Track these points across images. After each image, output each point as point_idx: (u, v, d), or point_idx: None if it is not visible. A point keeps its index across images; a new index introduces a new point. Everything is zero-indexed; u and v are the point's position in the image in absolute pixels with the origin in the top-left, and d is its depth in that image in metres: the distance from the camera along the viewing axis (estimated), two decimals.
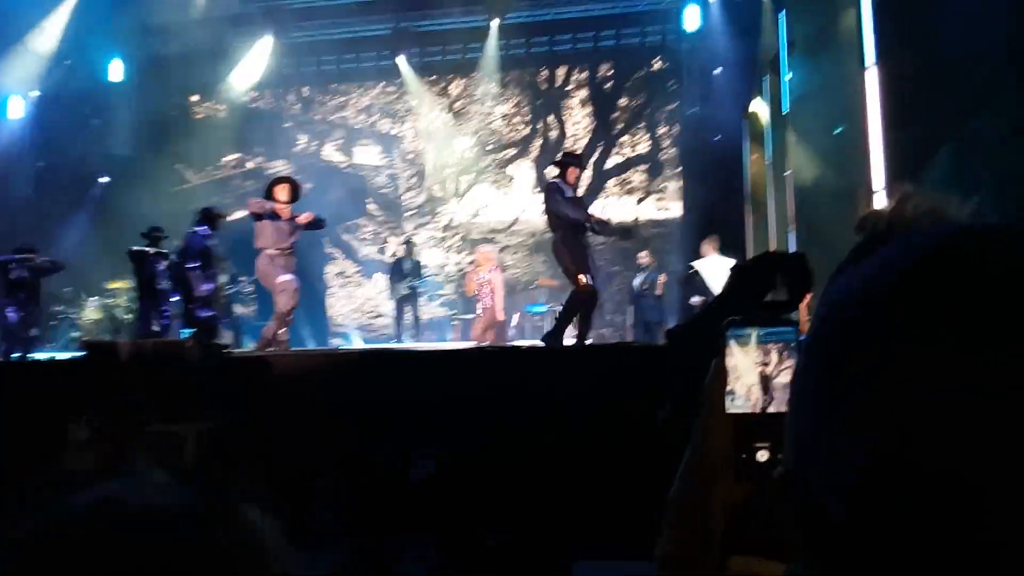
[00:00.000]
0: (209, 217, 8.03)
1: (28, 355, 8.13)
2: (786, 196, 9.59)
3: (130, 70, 13.32)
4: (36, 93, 12.61)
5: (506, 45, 13.27)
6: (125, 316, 10.37)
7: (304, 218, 7.40)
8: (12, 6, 11.33)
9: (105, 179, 12.66)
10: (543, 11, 13.03)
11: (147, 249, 8.51)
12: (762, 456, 0.80)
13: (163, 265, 8.40)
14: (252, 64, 13.67)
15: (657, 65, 13.37)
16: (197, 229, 7.94)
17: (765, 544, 0.77)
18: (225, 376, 5.62)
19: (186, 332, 8.03)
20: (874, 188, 7.19)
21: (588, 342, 7.12)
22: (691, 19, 11.81)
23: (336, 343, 12.82)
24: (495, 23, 12.96)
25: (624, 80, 13.69)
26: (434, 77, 14.14)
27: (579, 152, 7.68)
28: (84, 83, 12.85)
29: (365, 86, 14.47)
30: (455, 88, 14.23)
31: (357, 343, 12.60)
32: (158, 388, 5.20)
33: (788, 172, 9.52)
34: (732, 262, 9.56)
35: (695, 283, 8.82)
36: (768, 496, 0.76)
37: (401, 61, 13.58)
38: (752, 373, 0.82)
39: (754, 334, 0.83)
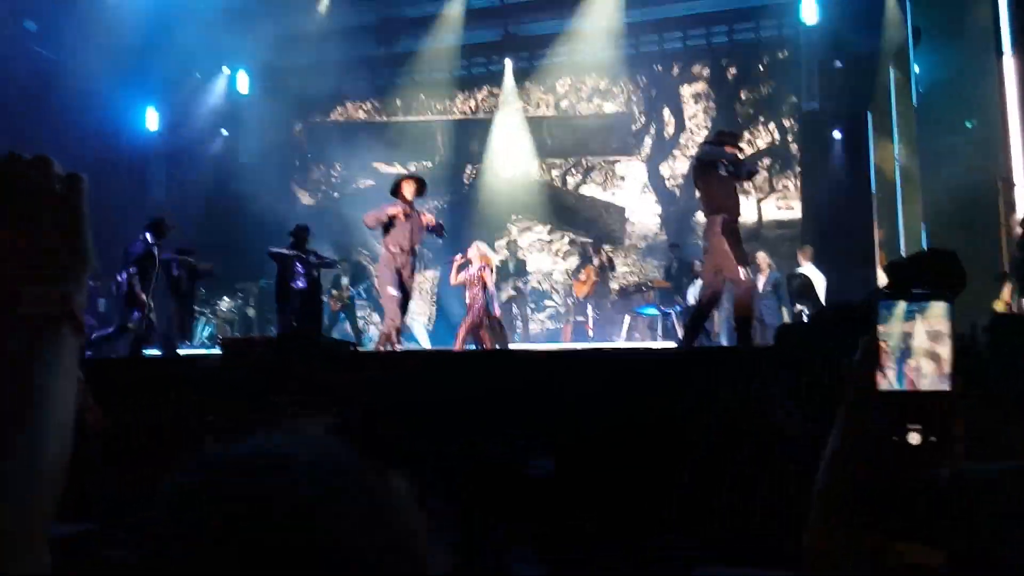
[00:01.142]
0: (156, 226, 8.29)
1: (175, 351, 8.67)
2: (916, 191, 9.16)
3: (254, 82, 14.07)
4: (170, 105, 13.50)
5: (615, 45, 13.22)
6: (255, 315, 10.98)
7: (427, 219, 7.42)
8: (144, 22, 12.15)
9: (233, 187, 13.40)
10: (653, 9, 12.92)
11: (284, 251, 8.88)
12: (914, 439, 0.77)
13: (301, 266, 8.79)
14: (366, 75, 14.19)
15: (773, 60, 13.01)
16: (141, 236, 8.21)
17: (924, 530, 0.76)
18: (351, 372, 5.85)
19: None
20: (1015, 181, 6.79)
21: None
22: (809, 12, 11.44)
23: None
24: (604, 23, 12.95)
25: (738, 77, 13.40)
26: (542, 79, 14.25)
27: (737, 132, 7.30)
28: (213, 95, 13.68)
29: (471, 92, 14.70)
30: (563, 88, 14.29)
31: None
32: (289, 383, 5.48)
33: (917, 167, 9.10)
34: (820, 275, 9.26)
35: (801, 290, 8.56)
36: (925, 481, 0.75)
37: (508, 65, 13.81)
38: (902, 349, 0.78)
39: (905, 308, 0.79)
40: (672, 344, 9.46)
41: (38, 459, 0.70)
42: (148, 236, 8.18)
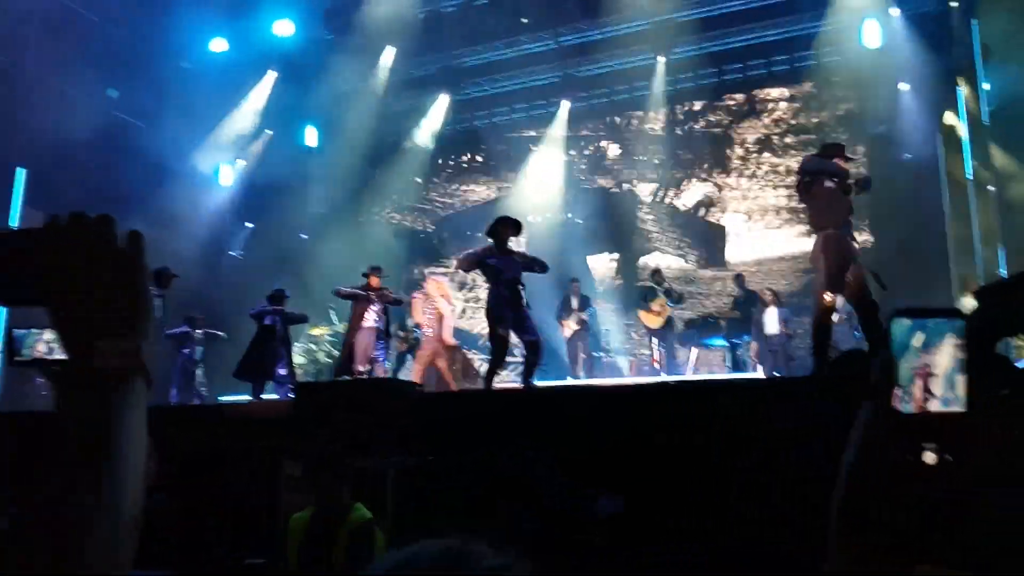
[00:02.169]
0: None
1: (260, 395, 8.94)
2: (990, 211, 8.85)
3: (322, 135, 14.58)
4: (243, 161, 14.08)
5: (674, 80, 13.26)
6: (325, 359, 11.24)
7: (532, 259, 7.36)
8: (217, 85, 12.79)
9: (304, 236, 13.81)
10: (711, 43, 12.92)
11: (359, 291, 9.12)
12: (929, 458, 0.75)
13: (378, 305, 9.03)
14: (431, 121, 14.57)
15: (836, 85, 12.82)
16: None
17: (946, 551, 0.75)
18: (418, 413, 5.91)
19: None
20: None
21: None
22: (871, 35, 11.28)
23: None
24: (662, 60, 13.03)
25: (801, 104, 13.25)
26: (601, 117, 14.39)
27: (842, 143, 7.10)
28: (283, 150, 14.24)
29: (534, 131, 14.90)
30: (622, 124, 14.38)
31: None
32: (361, 425, 5.57)
33: (991, 186, 8.81)
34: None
35: None
36: (945, 501, 0.74)
37: (564, 106, 14.00)
38: (918, 368, 0.76)
39: (921, 326, 0.77)
40: (742, 375, 9.28)
41: (120, 506, 0.74)
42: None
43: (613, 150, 14.60)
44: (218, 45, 12.66)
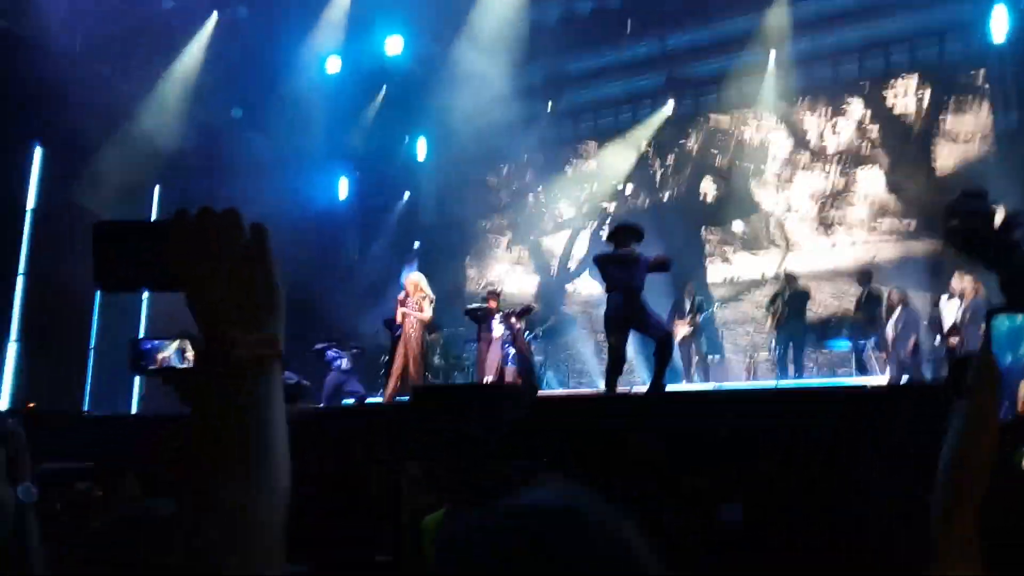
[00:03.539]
0: None
1: (365, 400, 9.26)
2: None
3: (431, 147, 14.93)
4: (357, 174, 14.61)
5: (786, 76, 12.89)
6: (439, 363, 11.48)
7: (654, 260, 7.22)
8: (335, 102, 13.31)
9: (416, 244, 14.16)
10: (823, 35, 12.49)
11: (479, 306, 9.57)
12: None
13: (498, 318, 9.41)
14: (539, 128, 14.69)
15: (961, 80, 12.14)
16: None
17: None
18: (537, 416, 5.96)
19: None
20: None
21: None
22: (998, 29, 10.68)
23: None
24: (772, 55, 12.69)
25: (923, 99, 12.60)
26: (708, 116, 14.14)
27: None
28: (396, 162, 14.68)
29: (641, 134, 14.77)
30: (731, 125, 14.07)
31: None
32: (479, 428, 5.67)
33: None
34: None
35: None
36: None
37: (670, 106, 13.87)
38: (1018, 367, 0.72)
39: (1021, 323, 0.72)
40: (868, 380, 8.90)
41: (273, 491, 0.76)
42: None
43: (723, 150, 14.30)
44: (333, 64, 13.17)
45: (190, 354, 1.62)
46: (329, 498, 5.86)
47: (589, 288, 14.42)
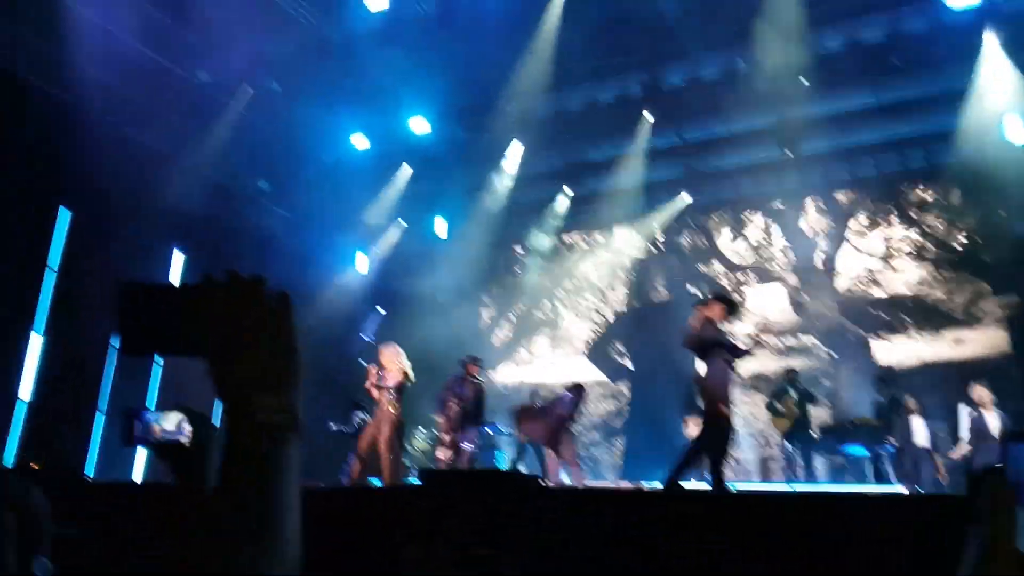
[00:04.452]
0: None
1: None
2: None
3: (451, 226, 15.14)
4: (378, 251, 14.79)
5: (803, 175, 13.05)
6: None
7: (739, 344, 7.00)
8: (357, 178, 13.59)
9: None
10: (836, 139, 12.70)
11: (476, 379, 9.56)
12: None
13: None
14: (556, 214, 14.91)
15: (973, 183, 12.24)
16: None
17: None
18: (544, 507, 5.82)
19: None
20: None
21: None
22: (1016, 131, 10.84)
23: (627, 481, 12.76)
24: (790, 154, 12.89)
25: (936, 202, 12.73)
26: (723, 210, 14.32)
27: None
28: (415, 239, 14.88)
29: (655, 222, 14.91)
30: (746, 217, 14.20)
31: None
32: (482, 514, 5.54)
33: None
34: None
35: None
36: None
37: (684, 199, 14.09)
38: None
39: None
40: (887, 488, 8.70)
41: (284, 557, 0.76)
42: None
43: (739, 241, 14.40)
44: (359, 141, 13.49)
45: (187, 427, 1.60)
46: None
47: (593, 376, 14.35)
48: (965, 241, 12.46)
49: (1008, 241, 11.54)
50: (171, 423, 1.63)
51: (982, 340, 11.75)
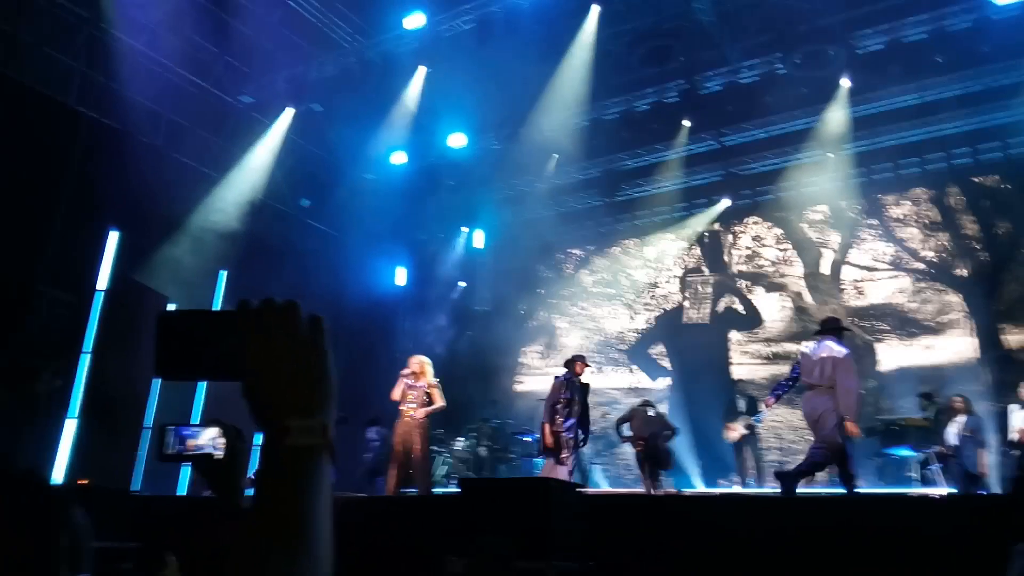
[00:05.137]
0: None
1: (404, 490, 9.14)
2: None
3: (489, 238, 15.23)
4: (416, 262, 14.97)
5: (845, 176, 12.84)
6: (486, 455, 11.37)
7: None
8: (396, 195, 13.76)
9: (469, 333, 14.20)
10: (879, 139, 12.46)
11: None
12: None
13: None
14: (591, 224, 14.89)
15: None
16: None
17: None
18: (582, 514, 5.82)
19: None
20: None
21: None
22: None
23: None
24: (831, 156, 12.69)
25: (986, 203, 12.38)
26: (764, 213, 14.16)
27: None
28: (453, 252, 15.01)
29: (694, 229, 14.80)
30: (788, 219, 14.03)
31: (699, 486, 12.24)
32: (522, 524, 5.54)
33: None
34: None
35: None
36: None
37: (724, 204, 14.00)
38: None
39: None
40: (930, 490, 8.47)
41: (318, 571, 0.78)
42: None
43: (776, 247, 14.20)
44: (398, 158, 13.68)
45: (221, 441, 1.65)
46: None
47: (643, 381, 14.25)
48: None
49: None
50: (205, 438, 1.67)
51: None
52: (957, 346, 11.91)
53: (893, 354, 12.35)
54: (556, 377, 8.57)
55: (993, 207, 12.26)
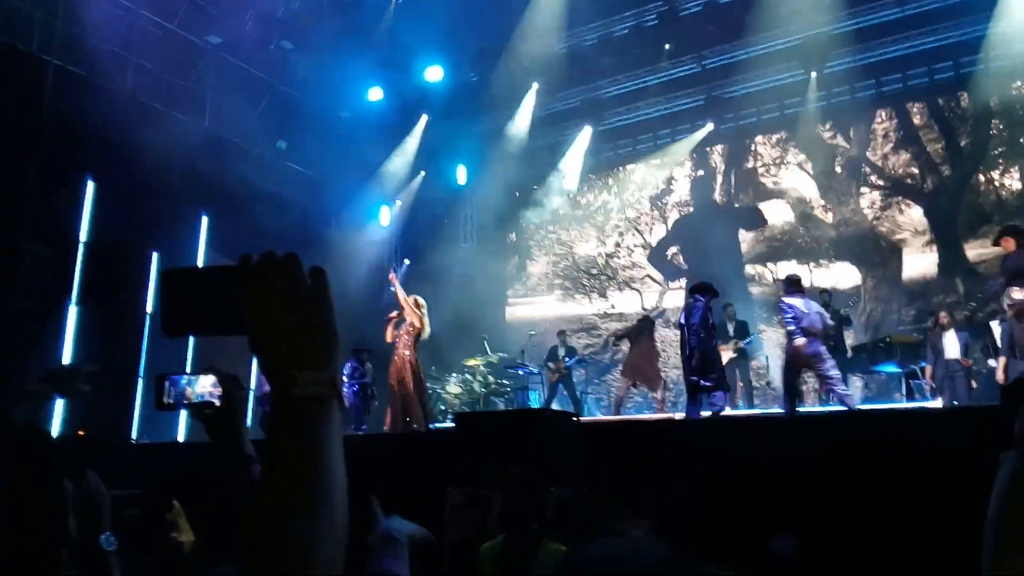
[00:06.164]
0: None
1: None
2: None
3: (472, 173, 15.07)
4: (399, 203, 14.79)
5: (827, 95, 12.75)
6: (480, 389, 11.50)
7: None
8: (376, 132, 13.53)
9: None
10: (866, 55, 12.32)
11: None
12: None
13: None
14: (575, 154, 14.73)
15: (1013, 91, 11.87)
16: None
17: None
18: (578, 443, 5.91)
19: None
20: None
21: None
22: None
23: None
24: (813, 75, 12.57)
25: (965, 113, 12.36)
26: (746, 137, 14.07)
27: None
28: (436, 189, 14.85)
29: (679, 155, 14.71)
30: (765, 149, 13.96)
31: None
32: (518, 454, 5.63)
33: None
34: None
35: None
36: None
37: (707, 128, 13.82)
38: None
39: None
40: (917, 404, 8.68)
41: (335, 520, 0.80)
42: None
43: (766, 166, 14.16)
44: (375, 94, 13.40)
45: (218, 389, 1.65)
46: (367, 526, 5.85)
47: (632, 306, 14.37)
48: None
49: None
50: (203, 386, 1.67)
51: None
52: (924, 261, 12.07)
53: (859, 271, 12.59)
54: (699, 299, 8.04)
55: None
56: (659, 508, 5.20)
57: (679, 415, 8.76)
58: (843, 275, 12.82)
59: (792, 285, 7.62)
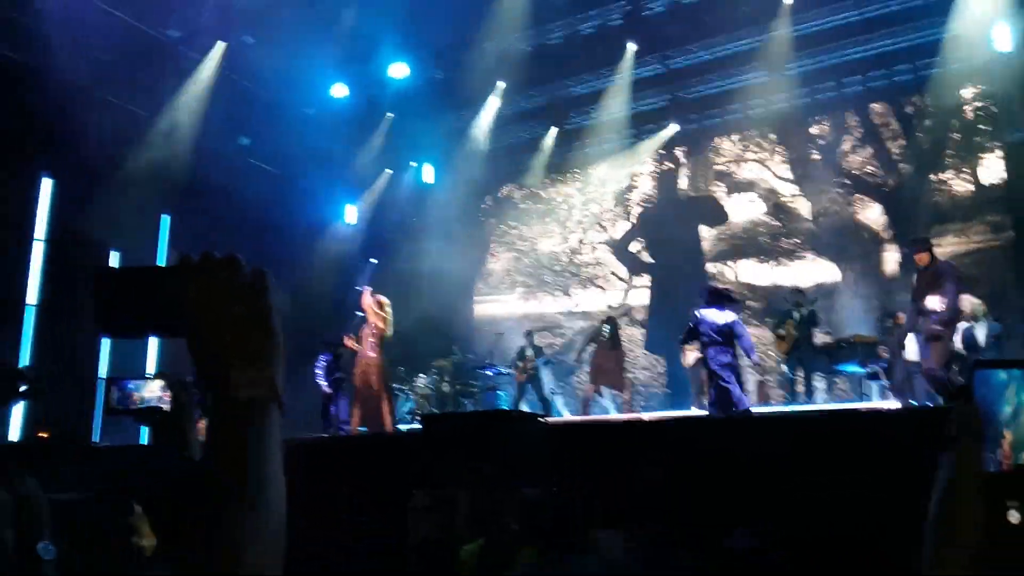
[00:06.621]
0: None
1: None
2: None
3: (438, 172, 15.01)
4: (366, 200, 14.69)
5: (789, 96, 12.91)
6: (448, 390, 11.47)
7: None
8: (342, 130, 13.41)
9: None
10: (823, 57, 12.51)
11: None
12: (1014, 517, 0.70)
13: None
14: (542, 154, 14.75)
15: (968, 93, 12.13)
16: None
17: None
18: (546, 443, 5.92)
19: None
20: None
21: None
22: (1002, 39, 10.65)
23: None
24: (775, 76, 12.73)
25: (928, 114, 12.61)
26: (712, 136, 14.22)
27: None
28: (403, 187, 14.77)
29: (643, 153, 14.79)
30: (729, 147, 14.12)
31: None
32: (486, 455, 5.63)
33: None
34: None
35: None
36: None
37: (671, 130, 13.91)
38: (1007, 420, 0.70)
39: (1012, 377, 0.72)
40: (874, 404, 8.83)
41: (270, 521, 0.81)
42: None
43: (729, 166, 14.30)
44: (339, 91, 13.27)
45: (168, 393, 1.63)
46: (333, 527, 5.81)
47: (596, 304, 14.43)
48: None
49: None
50: (151, 390, 1.65)
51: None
52: (887, 259, 12.31)
53: (828, 269, 12.73)
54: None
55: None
56: (631, 497, 5.24)
57: (647, 415, 8.82)
58: (815, 272, 12.98)
59: (712, 296, 7.82)
